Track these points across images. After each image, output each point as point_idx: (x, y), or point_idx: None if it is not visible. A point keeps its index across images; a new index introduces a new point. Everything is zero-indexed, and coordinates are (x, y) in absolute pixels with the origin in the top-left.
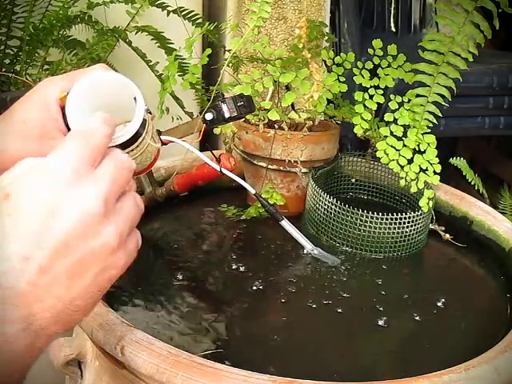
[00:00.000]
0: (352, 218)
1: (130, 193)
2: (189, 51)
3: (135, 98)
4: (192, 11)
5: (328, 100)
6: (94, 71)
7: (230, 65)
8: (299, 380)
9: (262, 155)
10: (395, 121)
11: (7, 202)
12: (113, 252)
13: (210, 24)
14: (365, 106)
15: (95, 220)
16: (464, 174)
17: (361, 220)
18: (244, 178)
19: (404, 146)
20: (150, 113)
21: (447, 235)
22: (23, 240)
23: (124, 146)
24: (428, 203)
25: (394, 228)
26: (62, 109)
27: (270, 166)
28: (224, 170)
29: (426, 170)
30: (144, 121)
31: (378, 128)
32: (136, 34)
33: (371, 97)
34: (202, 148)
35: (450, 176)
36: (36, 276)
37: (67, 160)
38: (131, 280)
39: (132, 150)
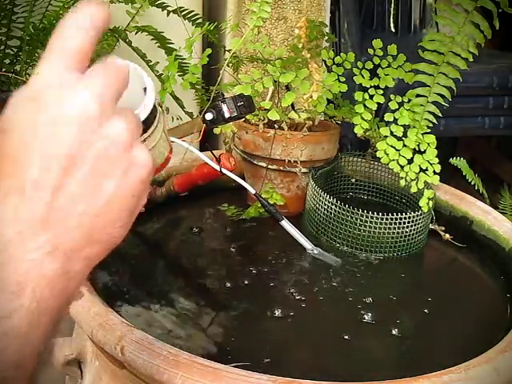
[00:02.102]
0: (352, 218)
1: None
2: (189, 51)
3: (145, 89)
4: (192, 11)
5: (328, 100)
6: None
7: (230, 65)
8: (299, 380)
9: (262, 155)
10: (395, 121)
11: (2, 136)
12: (125, 148)
13: (210, 24)
14: (365, 105)
15: (93, 121)
16: (464, 173)
17: (361, 220)
18: (244, 178)
19: (404, 146)
20: (161, 107)
21: (447, 235)
22: (26, 170)
23: None
24: (428, 203)
25: (394, 228)
26: None
27: (269, 166)
28: (224, 170)
29: (426, 169)
30: (155, 108)
31: (378, 128)
32: (136, 34)
33: (371, 97)
34: (202, 148)
35: (450, 176)
36: (52, 198)
37: (48, 76)
38: (131, 280)
39: (143, 141)
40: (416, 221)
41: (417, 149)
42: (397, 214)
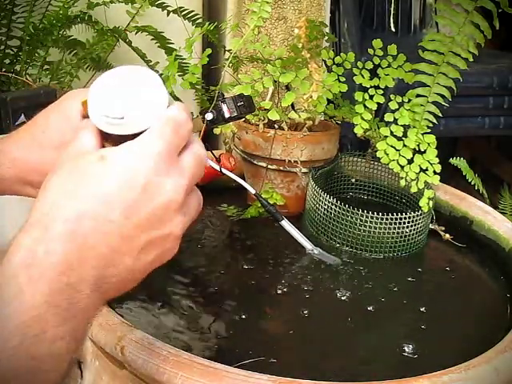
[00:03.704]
0: (352, 218)
1: (196, 190)
2: (189, 51)
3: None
4: (192, 11)
5: (328, 100)
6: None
7: (230, 65)
8: (299, 380)
9: (262, 155)
10: (395, 121)
11: (103, 164)
12: (174, 240)
13: (210, 24)
14: (365, 106)
15: (174, 208)
16: (464, 173)
17: (361, 220)
18: (244, 178)
19: (404, 146)
20: None
21: (447, 235)
22: (113, 206)
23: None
24: (428, 203)
25: (394, 228)
26: (84, 119)
27: (269, 166)
28: (224, 170)
29: (426, 170)
30: None
31: (378, 128)
32: (136, 34)
33: (371, 97)
34: None
35: (450, 176)
36: (117, 242)
37: (161, 146)
38: None
39: None
40: (416, 221)
41: (417, 149)
42: (397, 214)
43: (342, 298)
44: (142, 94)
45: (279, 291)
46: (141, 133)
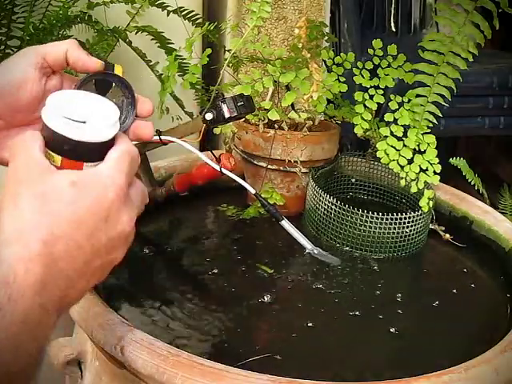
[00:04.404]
0: (352, 218)
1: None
2: (189, 51)
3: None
4: (192, 11)
5: (328, 100)
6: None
7: (230, 65)
8: (299, 380)
9: (262, 155)
10: (395, 121)
11: (74, 190)
12: (114, 264)
13: (209, 24)
14: (365, 105)
15: (124, 237)
16: (464, 173)
17: (361, 220)
18: (244, 178)
19: (404, 146)
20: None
21: (447, 235)
22: (83, 232)
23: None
24: (428, 203)
25: (394, 228)
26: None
27: (269, 166)
28: (224, 170)
29: (426, 170)
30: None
31: (378, 128)
32: (136, 33)
33: (371, 97)
34: (202, 148)
35: (449, 176)
36: (80, 266)
37: (122, 178)
38: (131, 280)
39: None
40: (416, 221)
41: (417, 149)
42: (397, 214)
43: (342, 298)
44: (102, 108)
45: (279, 291)
46: (94, 143)
